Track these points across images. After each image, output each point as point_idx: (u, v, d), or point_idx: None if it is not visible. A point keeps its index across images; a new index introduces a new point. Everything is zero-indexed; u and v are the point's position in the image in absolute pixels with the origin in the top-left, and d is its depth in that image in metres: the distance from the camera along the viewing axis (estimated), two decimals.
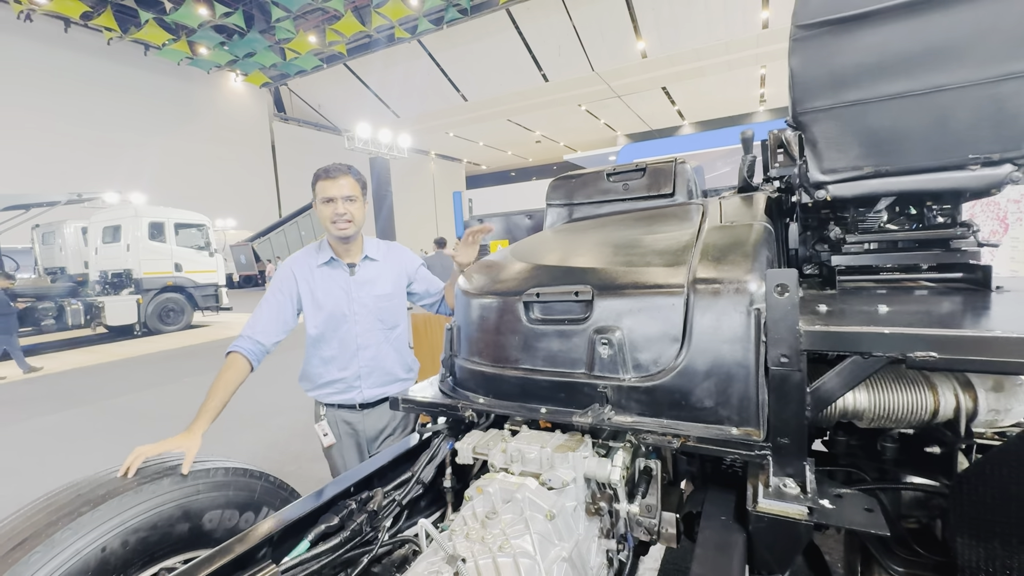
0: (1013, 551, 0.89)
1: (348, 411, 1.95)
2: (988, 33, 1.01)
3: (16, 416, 6.11)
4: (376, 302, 1.93)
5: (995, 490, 0.88)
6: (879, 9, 1.07)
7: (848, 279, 1.40)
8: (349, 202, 1.82)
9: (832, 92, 1.17)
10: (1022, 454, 0.85)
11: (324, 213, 1.82)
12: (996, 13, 1.00)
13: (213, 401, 1.62)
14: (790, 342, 0.86)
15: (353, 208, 1.83)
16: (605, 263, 1.23)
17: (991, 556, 0.90)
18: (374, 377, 1.93)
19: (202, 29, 17.30)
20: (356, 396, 1.92)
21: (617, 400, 1.07)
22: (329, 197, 1.79)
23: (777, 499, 0.85)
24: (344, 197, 1.80)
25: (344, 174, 1.82)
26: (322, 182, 1.81)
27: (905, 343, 0.79)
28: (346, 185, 1.81)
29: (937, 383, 0.98)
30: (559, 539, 0.96)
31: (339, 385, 1.92)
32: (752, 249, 1.09)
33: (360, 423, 1.95)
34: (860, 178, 1.22)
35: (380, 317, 1.94)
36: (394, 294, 2.00)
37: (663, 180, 2.01)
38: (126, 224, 12.03)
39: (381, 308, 1.94)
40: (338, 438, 1.96)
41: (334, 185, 1.79)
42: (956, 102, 1.08)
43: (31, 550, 1.06)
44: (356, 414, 1.95)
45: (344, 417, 1.96)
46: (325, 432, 1.93)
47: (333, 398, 1.93)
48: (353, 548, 1.07)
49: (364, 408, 1.95)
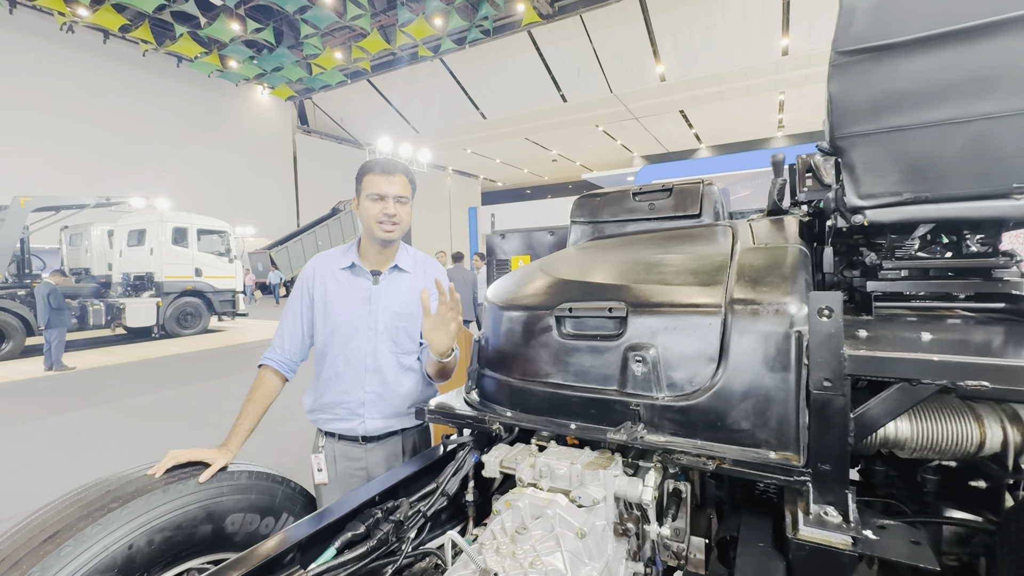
0: None
1: (350, 445, 1.70)
2: None
3: (40, 412, 6.21)
4: (393, 320, 1.68)
5: None
6: (922, 38, 1.07)
7: (885, 305, 1.37)
8: (400, 203, 1.62)
9: (872, 118, 1.17)
10: None
11: (371, 211, 1.60)
12: None
13: (244, 423, 1.56)
14: (834, 366, 0.85)
15: (403, 211, 1.64)
16: (638, 280, 1.23)
17: None
18: (380, 406, 1.68)
19: (233, 44, 17.88)
20: (358, 427, 1.67)
21: (650, 419, 1.06)
22: (381, 194, 1.59)
23: (819, 527, 0.83)
24: (396, 196, 1.61)
25: (400, 172, 1.63)
26: (374, 176, 1.60)
27: (955, 371, 0.77)
28: (400, 184, 1.62)
29: (983, 414, 0.95)
30: (589, 558, 0.95)
31: (339, 411, 1.69)
32: (790, 271, 1.09)
33: (363, 460, 1.70)
34: (899, 204, 1.21)
35: (395, 338, 1.68)
36: (416, 314, 1.67)
37: (690, 201, 2.02)
38: (151, 228, 12.34)
39: (397, 328, 1.68)
40: (334, 477, 1.70)
41: (388, 182, 1.59)
42: (1001, 131, 1.07)
43: (62, 543, 1.08)
44: (359, 448, 1.70)
45: (345, 452, 1.71)
46: (320, 467, 1.70)
47: (333, 425, 1.70)
48: (378, 558, 1.06)
49: (367, 441, 1.70)
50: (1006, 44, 1.01)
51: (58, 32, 16.02)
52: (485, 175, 37.63)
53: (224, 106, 21.44)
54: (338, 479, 1.71)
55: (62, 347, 8.75)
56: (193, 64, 19.05)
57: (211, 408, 6.29)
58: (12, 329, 10.10)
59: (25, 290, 10.57)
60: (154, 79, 18.76)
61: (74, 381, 7.96)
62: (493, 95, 22.54)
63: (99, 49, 17.20)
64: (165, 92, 19.15)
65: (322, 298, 1.72)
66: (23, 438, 5.26)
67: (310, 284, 1.74)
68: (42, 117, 15.79)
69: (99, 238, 13.66)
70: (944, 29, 1.04)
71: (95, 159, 16.84)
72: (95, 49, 17.12)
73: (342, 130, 26.99)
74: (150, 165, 18.27)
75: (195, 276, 12.75)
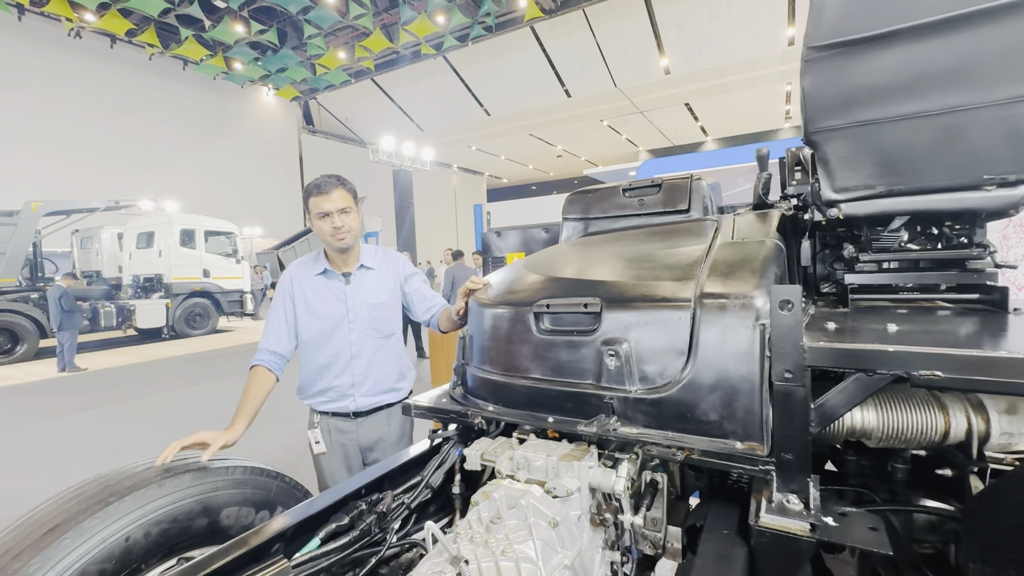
0: None
1: (342, 420, 1.95)
2: (1001, 55, 1.02)
3: (53, 412, 6.35)
4: (371, 311, 1.94)
5: (1009, 515, 0.87)
6: (891, 32, 1.08)
7: (863, 298, 1.39)
8: (344, 214, 1.82)
9: (844, 112, 1.18)
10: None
11: (322, 228, 1.83)
12: (1008, 36, 1.00)
13: (246, 408, 1.70)
14: (794, 357, 0.87)
15: (349, 219, 1.84)
16: (615, 276, 1.25)
17: None
18: (368, 385, 1.92)
19: (238, 45, 18.00)
20: (349, 404, 1.92)
21: (623, 411, 1.09)
22: (324, 212, 1.79)
23: (779, 514, 0.86)
24: (338, 210, 1.80)
25: (336, 187, 1.81)
26: (314, 198, 1.81)
27: (909, 361, 0.79)
28: (339, 198, 1.80)
29: (948, 404, 0.97)
30: (562, 547, 0.98)
31: (332, 393, 1.92)
32: (760, 265, 1.10)
33: (354, 432, 1.95)
34: (873, 197, 1.23)
35: (375, 326, 1.94)
36: (389, 302, 2.00)
37: (678, 196, 2.03)
38: (159, 230, 12.49)
39: (376, 317, 1.95)
40: (330, 447, 1.95)
41: (327, 200, 1.79)
42: (969, 123, 1.08)
43: (62, 535, 1.12)
44: (350, 423, 1.94)
45: (338, 426, 1.95)
46: (317, 440, 1.93)
47: (327, 406, 1.93)
48: (362, 548, 1.10)
49: (358, 416, 1.94)
50: (971, 37, 1.02)
51: (66, 38, 16.21)
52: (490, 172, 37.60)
53: (230, 108, 21.59)
54: (333, 449, 1.95)
55: (74, 349, 8.91)
56: (199, 67, 19.21)
57: (219, 407, 6.39)
58: (26, 331, 10.29)
59: (38, 293, 10.75)
60: (161, 82, 18.92)
61: (86, 382, 8.11)
62: (497, 91, 22.49)
63: (106, 54, 17.37)
64: (172, 95, 19.31)
65: (303, 302, 1.93)
66: (37, 437, 5.38)
67: (290, 290, 1.95)
68: (52, 122, 16.00)
69: (109, 241, 13.85)
70: (910, 24, 1.05)
71: (104, 163, 17.04)
72: (102, 54, 17.29)
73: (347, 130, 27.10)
74: (158, 168, 18.46)
75: (203, 277, 12.90)
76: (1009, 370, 0.75)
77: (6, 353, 10.03)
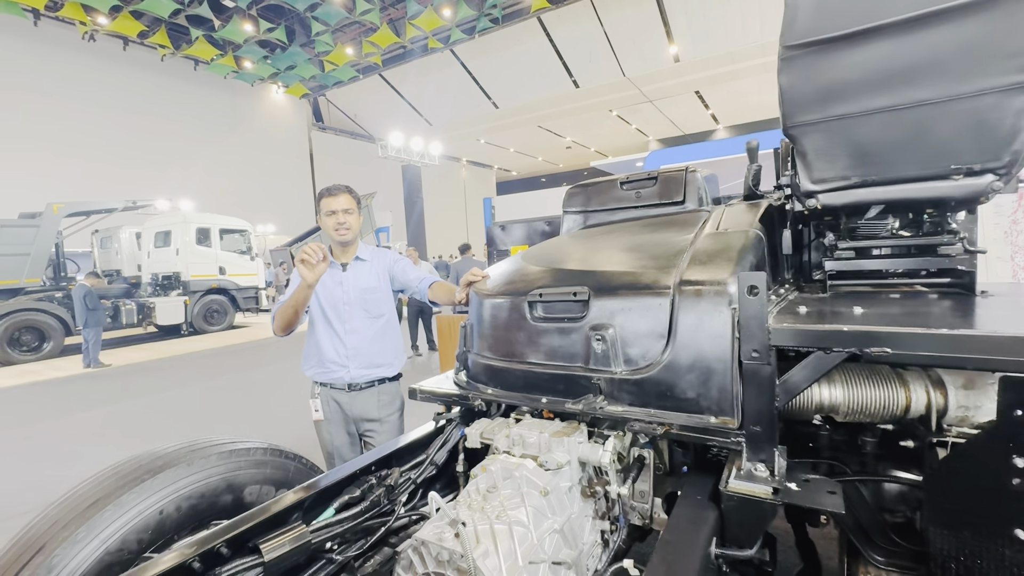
0: (982, 541, 0.94)
1: (338, 391, 2.27)
2: (965, 51, 1.07)
3: (81, 406, 6.61)
4: (362, 294, 2.29)
5: (965, 483, 0.94)
6: (861, 31, 1.14)
7: (845, 283, 1.45)
8: (347, 214, 2.22)
9: (819, 107, 1.24)
10: (989, 449, 0.91)
11: (328, 223, 2.24)
12: (972, 33, 1.06)
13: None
14: (760, 338, 0.95)
15: (350, 219, 2.24)
16: (604, 267, 1.33)
17: (962, 545, 0.96)
18: (360, 359, 2.25)
19: (247, 44, 18.18)
20: (344, 376, 2.24)
21: (610, 391, 1.17)
22: (332, 210, 2.21)
23: (747, 480, 0.94)
24: (343, 210, 2.21)
25: (343, 192, 2.24)
26: (325, 199, 2.23)
27: (861, 340, 0.87)
28: (344, 201, 2.22)
29: (910, 380, 1.04)
30: (552, 513, 1.08)
31: (330, 365, 2.24)
32: (737, 254, 1.18)
33: (348, 404, 2.26)
34: (848, 187, 1.29)
35: (365, 307, 2.29)
36: (378, 287, 2.34)
37: (674, 188, 2.09)
38: (176, 229, 12.78)
39: (366, 299, 2.29)
40: (328, 415, 2.28)
41: (335, 201, 2.21)
42: (937, 115, 1.14)
43: (103, 508, 1.25)
44: (345, 395, 2.26)
45: (334, 396, 2.27)
46: (316, 408, 2.27)
47: (325, 377, 2.26)
48: (372, 518, 1.20)
49: (352, 390, 2.25)
50: (936, 35, 1.08)
51: (80, 41, 16.52)
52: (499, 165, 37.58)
53: (241, 106, 21.84)
54: (331, 416, 2.29)
55: (99, 345, 9.21)
56: (209, 66, 19.44)
57: (236, 401, 6.60)
58: (51, 329, 10.65)
59: (62, 292, 11.10)
60: (173, 83, 19.20)
61: (110, 377, 8.40)
62: (505, 84, 22.43)
63: (119, 56, 17.67)
64: (184, 95, 19.59)
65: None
66: (66, 431, 5.62)
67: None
68: (68, 125, 16.34)
69: (128, 240, 14.19)
70: (879, 22, 1.11)
71: (119, 163, 17.37)
72: (115, 56, 17.58)
73: (356, 125, 27.27)
74: (173, 167, 18.77)
75: (219, 274, 13.19)
76: (951, 345, 0.83)
77: (33, 350, 10.39)
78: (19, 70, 15.34)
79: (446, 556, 0.95)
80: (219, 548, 0.98)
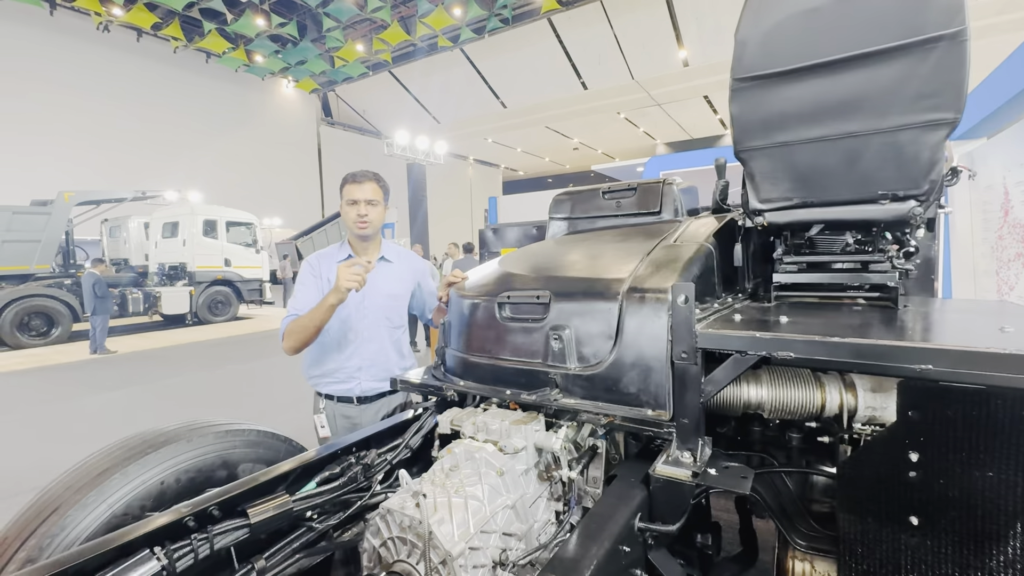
0: (883, 526, 1.07)
1: (346, 405, 2.05)
2: (886, 90, 1.20)
3: (87, 391, 6.81)
4: (386, 300, 2.08)
5: (869, 475, 1.07)
6: (797, 68, 1.27)
7: (791, 295, 1.58)
8: (370, 205, 1.99)
9: (764, 134, 1.37)
10: (889, 445, 1.04)
11: (348, 214, 2.01)
12: (891, 74, 1.19)
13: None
14: (688, 341, 1.09)
15: (373, 212, 2.01)
16: (567, 272, 1.47)
17: (867, 530, 1.09)
18: (373, 371, 2.04)
19: (259, 38, 18.40)
20: (355, 388, 2.03)
21: (565, 385, 1.31)
22: (354, 199, 1.98)
23: (672, 465, 1.08)
24: (366, 200, 1.98)
25: (369, 180, 2.00)
26: (349, 185, 1.99)
27: (770, 345, 1.00)
28: (369, 190, 1.99)
29: (826, 383, 1.17)
30: (506, 491, 1.21)
31: (340, 374, 2.03)
32: (683, 265, 1.31)
33: (358, 417, 2.06)
34: (790, 207, 1.42)
35: (387, 315, 2.08)
36: (402, 296, 2.15)
37: (651, 199, 2.22)
38: (183, 221, 13.02)
39: (389, 307, 2.08)
40: (335, 431, 2.06)
41: (359, 189, 1.98)
42: (863, 146, 1.27)
43: (111, 476, 1.40)
44: (354, 408, 2.06)
45: (343, 411, 2.06)
46: (322, 425, 2.07)
47: (332, 387, 2.05)
48: (349, 492, 1.35)
49: (362, 403, 2.06)
50: (862, 74, 1.22)
51: (95, 32, 16.78)
52: (506, 164, 37.72)
53: (251, 100, 22.09)
54: (338, 434, 2.06)
55: (105, 332, 9.43)
56: (221, 60, 19.68)
57: (238, 389, 6.79)
58: (60, 315, 10.89)
59: (71, 279, 11.35)
60: (185, 75, 19.48)
61: (116, 363, 8.61)
62: (513, 84, 22.56)
63: (133, 47, 17.93)
64: (195, 88, 19.87)
65: (326, 283, 2.05)
66: (75, 413, 5.82)
67: (316, 267, 2.10)
68: (82, 115, 16.64)
69: (136, 230, 14.45)
70: (812, 61, 1.25)
71: (130, 153, 17.64)
72: (129, 47, 17.85)
73: (364, 121, 27.48)
74: (182, 159, 19.05)
75: (224, 266, 13.41)
76: (846, 351, 0.96)
77: (42, 335, 10.64)
78: (35, 59, 15.63)
79: (407, 523, 1.09)
80: (211, 510, 1.12)
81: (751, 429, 1.37)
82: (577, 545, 0.91)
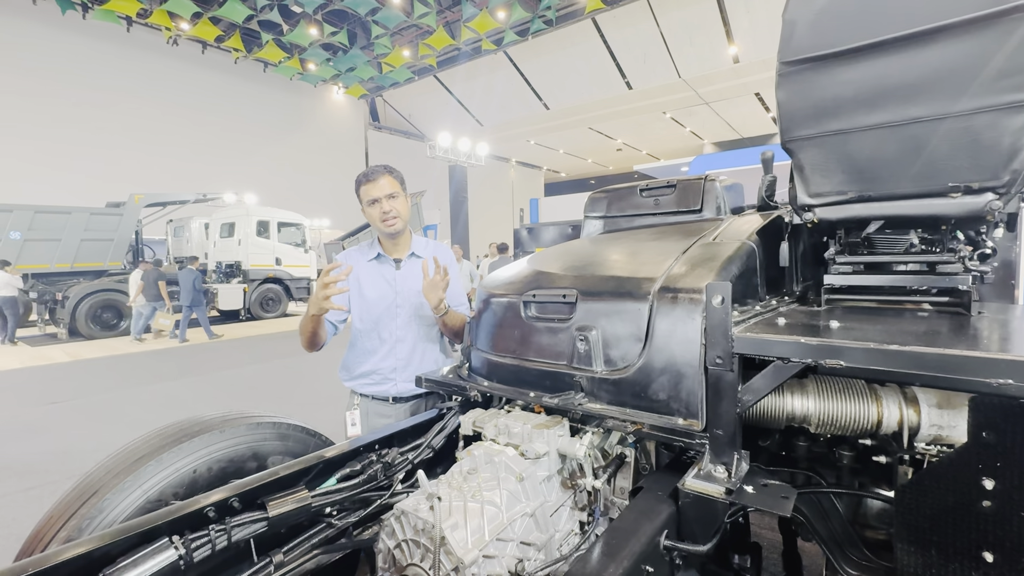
0: (949, 560, 0.95)
1: (381, 403, 2.02)
2: (960, 69, 1.07)
3: (146, 379, 7.27)
4: (419, 297, 1.97)
5: (934, 502, 0.95)
6: (855, 48, 1.15)
7: (844, 299, 1.44)
8: (391, 199, 1.92)
9: (815, 122, 1.26)
10: (959, 469, 0.92)
11: (372, 214, 1.95)
12: (967, 51, 1.05)
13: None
14: (723, 345, 1.00)
15: (397, 204, 1.94)
16: (595, 271, 1.40)
17: (929, 564, 0.97)
18: (410, 371, 1.97)
19: (312, 47, 19.18)
20: (390, 388, 1.99)
21: (590, 389, 1.24)
22: (374, 199, 1.91)
23: (705, 480, 0.99)
24: (386, 196, 1.91)
25: (382, 174, 1.93)
26: (364, 186, 1.93)
27: (817, 352, 0.90)
28: (386, 184, 1.92)
29: (883, 396, 1.05)
30: (526, 498, 1.16)
31: (375, 376, 2.00)
32: (720, 264, 1.22)
33: (392, 417, 2.02)
34: (845, 202, 1.29)
35: (421, 313, 2.01)
36: None
37: (692, 197, 2.12)
38: (239, 221, 13.72)
39: (423, 304, 1.97)
40: (366, 430, 2.01)
41: (375, 187, 1.90)
42: (932, 133, 1.13)
43: (147, 463, 1.44)
44: (389, 407, 2.02)
45: (377, 410, 2.03)
46: (353, 422, 2.03)
47: (368, 389, 2.01)
48: (368, 490, 1.33)
49: (397, 402, 2.02)
50: (930, 53, 1.09)
51: (165, 45, 18.00)
52: (548, 166, 37.57)
53: (304, 107, 23.06)
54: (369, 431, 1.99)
55: (207, 319, 10.47)
56: (277, 68, 20.65)
57: (285, 381, 7.05)
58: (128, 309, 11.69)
59: None
60: (244, 84, 20.58)
61: (176, 354, 9.14)
62: (556, 85, 22.45)
63: (198, 59, 19.11)
64: (253, 96, 20.96)
65: (356, 284, 2.05)
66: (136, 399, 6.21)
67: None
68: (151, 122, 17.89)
69: (197, 230, 15.36)
70: (875, 39, 1.13)
71: (194, 159, 18.79)
72: (195, 59, 19.04)
73: (410, 125, 28.09)
74: (240, 163, 20.12)
75: (276, 265, 14.03)
76: (908, 362, 0.85)
77: (111, 328, 11.46)
78: (114, 72, 16.93)
79: (421, 525, 1.06)
80: (232, 501, 1.13)
81: (797, 444, 1.25)
82: (594, 563, 0.84)
